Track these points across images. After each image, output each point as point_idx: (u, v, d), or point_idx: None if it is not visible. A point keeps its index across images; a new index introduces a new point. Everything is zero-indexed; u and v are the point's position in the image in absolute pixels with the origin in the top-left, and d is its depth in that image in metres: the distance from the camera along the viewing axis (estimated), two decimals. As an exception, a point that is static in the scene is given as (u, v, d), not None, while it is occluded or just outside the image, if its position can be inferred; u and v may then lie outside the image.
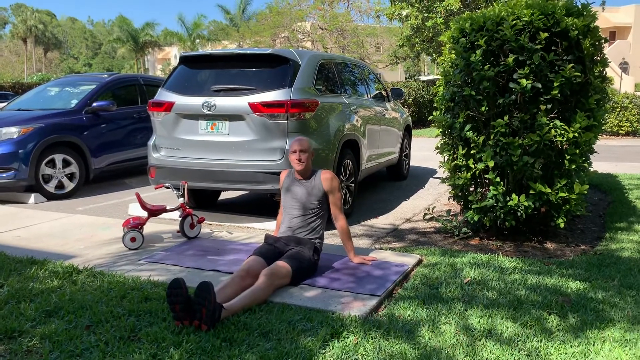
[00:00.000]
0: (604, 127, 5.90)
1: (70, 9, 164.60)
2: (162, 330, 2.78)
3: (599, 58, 4.51)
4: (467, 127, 4.59)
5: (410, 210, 6.20)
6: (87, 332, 2.81)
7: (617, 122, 16.15)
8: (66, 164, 7.00)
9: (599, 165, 8.30)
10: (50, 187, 6.84)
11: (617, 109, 16.10)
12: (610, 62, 5.48)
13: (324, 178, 3.88)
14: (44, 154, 6.75)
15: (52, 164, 6.86)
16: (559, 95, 4.25)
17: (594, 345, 2.73)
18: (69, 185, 7.02)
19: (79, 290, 3.38)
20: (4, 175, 6.55)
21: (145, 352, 2.57)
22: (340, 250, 4.25)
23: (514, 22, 4.26)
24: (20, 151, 6.57)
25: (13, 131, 6.67)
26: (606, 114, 12.01)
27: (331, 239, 4.80)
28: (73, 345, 2.65)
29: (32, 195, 6.69)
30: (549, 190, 4.34)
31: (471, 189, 4.86)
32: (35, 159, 6.63)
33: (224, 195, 6.89)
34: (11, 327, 2.83)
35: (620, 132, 16.22)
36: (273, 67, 5.27)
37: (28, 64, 60.96)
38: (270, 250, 3.67)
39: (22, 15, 63.16)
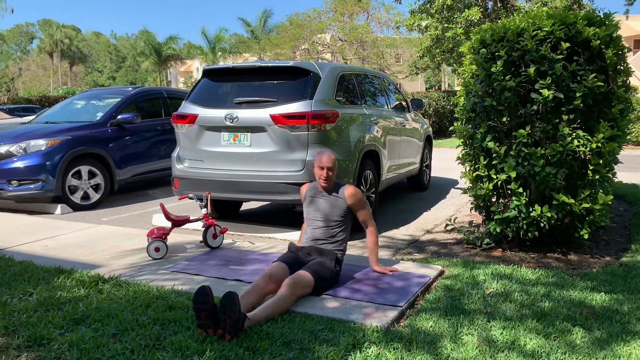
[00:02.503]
0: (629, 137, 5.82)
1: (94, 23, 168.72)
2: (186, 339, 2.82)
3: (622, 67, 4.47)
4: (489, 137, 4.57)
5: (431, 221, 6.18)
6: (113, 340, 2.86)
7: (642, 131, 15.85)
8: (92, 175, 7.15)
9: (624, 175, 8.14)
10: (76, 198, 6.99)
11: (642, 119, 15.80)
12: (634, 71, 5.41)
13: (348, 195, 3.91)
14: (70, 165, 6.91)
15: (78, 175, 7.01)
16: (582, 105, 4.21)
17: (619, 358, 2.69)
18: (95, 196, 7.16)
19: (105, 299, 3.45)
20: (32, 186, 6.72)
21: (170, 360, 2.62)
22: (362, 261, 4.25)
23: (535, 32, 4.25)
24: (47, 163, 6.74)
25: (41, 143, 6.85)
26: (631, 124, 11.82)
27: (352, 249, 4.81)
28: (100, 353, 2.71)
29: (59, 206, 6.85)
30: (572, 200, 4.30)
31: (493, 200, 4.83)
32: (62, 171, 6.79)
33: (245, 206, 6.95)
34: (40, 335, 2.90)
35: (646, 141, 15.90)
36: (294, 79, 5.33)
37: (54, 77, 62.43)
38: (293, 258, 3.72)
39: (48, 30, 64.85)
